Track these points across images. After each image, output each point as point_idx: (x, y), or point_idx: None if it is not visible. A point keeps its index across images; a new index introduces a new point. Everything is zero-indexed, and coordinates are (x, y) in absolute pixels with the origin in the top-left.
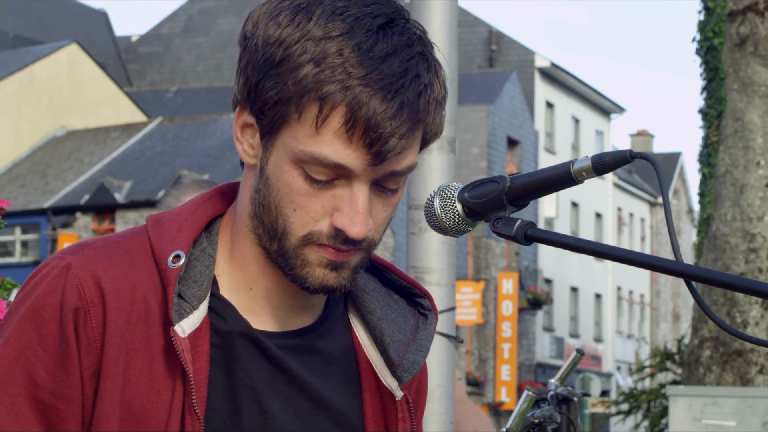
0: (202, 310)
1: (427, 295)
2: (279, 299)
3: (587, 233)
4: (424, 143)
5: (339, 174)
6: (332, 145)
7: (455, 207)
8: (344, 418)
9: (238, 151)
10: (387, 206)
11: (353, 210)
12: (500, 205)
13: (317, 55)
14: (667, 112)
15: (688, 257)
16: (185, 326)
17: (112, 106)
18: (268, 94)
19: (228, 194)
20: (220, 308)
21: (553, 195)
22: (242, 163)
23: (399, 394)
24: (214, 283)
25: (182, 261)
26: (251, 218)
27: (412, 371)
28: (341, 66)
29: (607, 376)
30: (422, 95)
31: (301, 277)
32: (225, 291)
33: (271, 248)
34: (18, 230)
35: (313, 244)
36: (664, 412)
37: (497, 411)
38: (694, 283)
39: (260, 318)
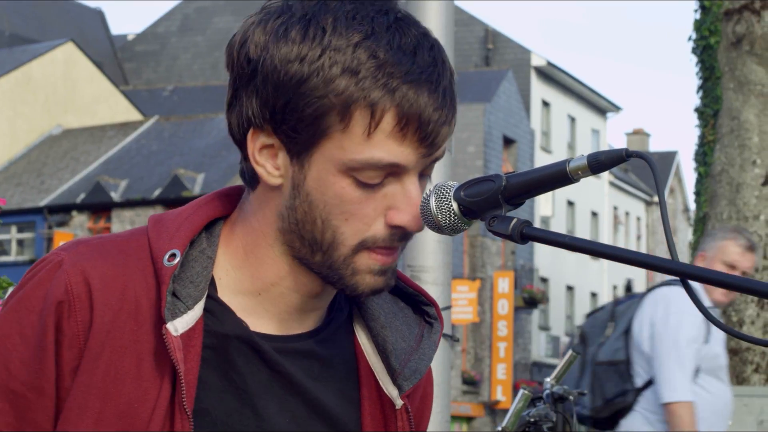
0: (197, 311)
1: (433, 304)
2: (289, 303)
3: (583, 232)
4: None
5: (390, 172)
6: (385, 146)
7: (451, 206)
8: (341, 425)
9: (259, 174)
10: (422, 191)
11: (410, 204)
12: (496, 204)
13: (350, 63)
14: (663, 111)
15: (684, 256)
16: (178, 325)
17: (108, 104)
18: (305, 111)
19: (231, 197)
20: (218, 310)
21: (549, 194)
22: (245, 179)
23: (399, 402)
24: (213, 285)
25: (177, 260)
26: (283, 233)
27: (414, 380)
28: (380, 69)
29: None
30: (452, 79)
31: (351, 286)
32: (225, 293)
33: (312, 260)
34: (14, 229)
35: (366, 249)
36: None
37: (493, 410)
38: (690, 282)
39: (262, 321)
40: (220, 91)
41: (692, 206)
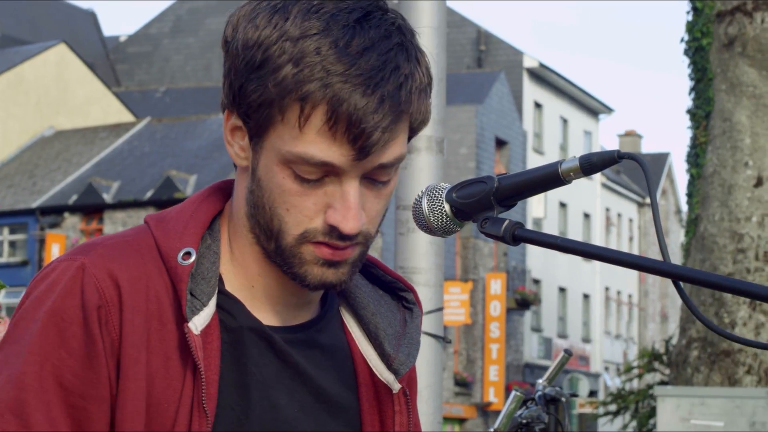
0: (211, 307)
1: (411, 289)
2: (279, 296)
3: (575, 234)
4: (412, 132)
5: (327, 171)
6: (316, 143)
7: (443, 207)
8: (343, 411)
9: (230, 154)
10: (380, 198)
11: (345, 206)
12: (488, 206)
13: (295, 55)
14: (656, 112)
15: (676, 258)
16: (197, 323)
17: (100, 106)
18: (252, 97)
19: (224, 191)
20: (228, 304)
21: (541, 195)
22: (235, 165)
23: (397, 386)
24: (220, 280)
25: (193, 258)
26: (248, 218)
27: (408, 364)
28: (320, 64)
29: (595, 376)
30: (403, 86)
31: (299, 275)
32: (230, 288)
33: (268, 247)
34: (6, 230)
35: (309, 242)
36: (652, 412)
37: (485, 411)
38: (681, 283)
39: (263, 314)
40: (213, 92)
41: (684, 208)
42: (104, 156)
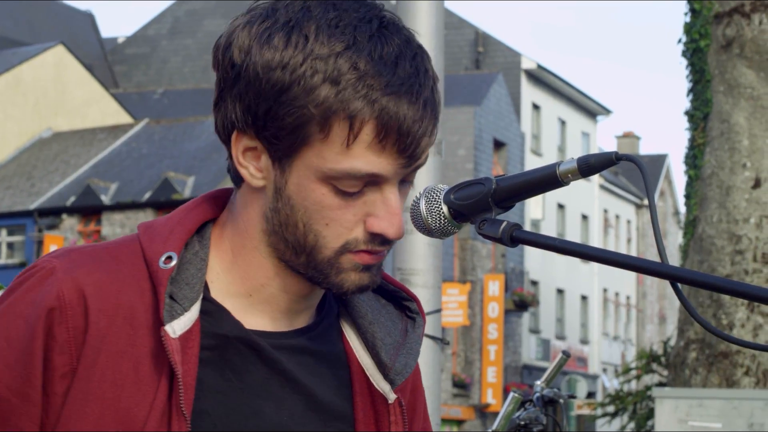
0: (193, 313)
1: (414, 299)
2: (280, 303)
3: (573, 235)
4: None
5: (369, 182)
6: (364, 157)
7: (441, 209)
8: (336, 420)
9: (243, 175)
10: (404, 198)
11: (389, 212)
12: (486, 207)
13: (331, 73)
14: (654, 114)
15: (675, 259)
16: (176, 327)
17: (98, 107)
18: (285, 120)
19: (218, 200)
20: (214, 312)
21: (540, 197)
22: (234, 180)
23: (392, 397)
24: (206, 287)
25: (174, 262)
26: (267, 235)
27: (405, 374)
28: (360, 80)
29: (593, 377)
30: (434, 89)
31: (336, 284)
32: (218, 295)
33: (297, 262)
34: (4, 232)
35: (349, 252)
36: (650, 413)
37: (483, 413)
38: (680, 285)
39: (256, 320)
40: (211, 94)
41: (682, 209)
42: (102, 157)
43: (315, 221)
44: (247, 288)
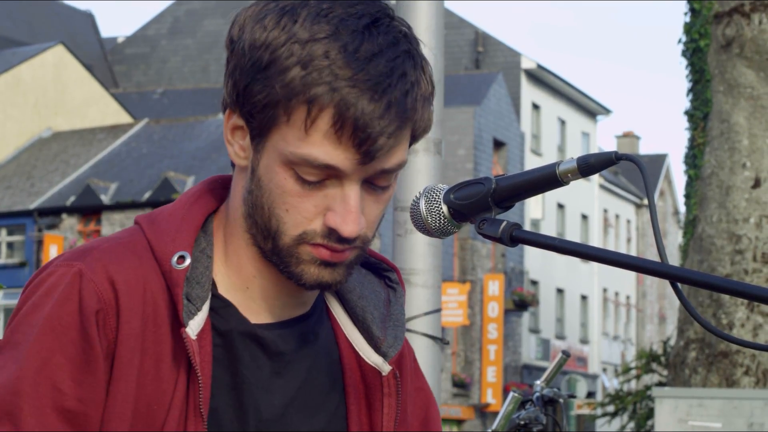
0: (204, 311)
1: (394, 269)
2: (275, 297)
3: (573, 235)
4: (413, 139)
5: (329, 174)
6: (321, 146)
7: (441, 209)
8: (330, 401)
9: (229, 153)
10: (378, 203)
11: (345, 209)
12: (486, 207)
13: (304, 57)
14: (654, 113)
15: (674, 259)
16: (193, 327)
17: (98, 107)
18: (257, 97)
19: (216, 190)
20: (221, 308)
21: (539, 196)
22: (233, 164)
23: (386, 368)
24: (213, 284)
25: (187, 262)
26: (245, 219)
27: (397, 346)
28: (328, 68)
29: (593, 377)
30: (409, 93)
31: (296, 275)
32: (223, 291)
33: (265, 247)
34: (4, 232)
35: (307, 243)
36: (650, 413)
37: (483, 412)
38: (679, 284)
39: (258, 314)
40: (210, 93)
41: (682, 209)
42: (102, 157)
43: (277, 205)
44: (242, 280)
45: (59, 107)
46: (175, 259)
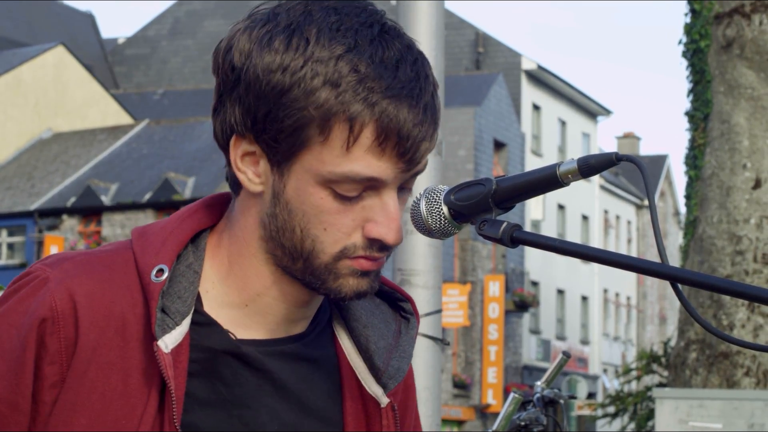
0: (184, 326)
1: (409, 299)
2: (277, 313)
3: (574, 236)
4: None
5: (369, 186)
6: (364, 160)
7: (441, 209)
8: (326, 427)
9: (241, 181)
10: (403, 205)
11: (388, 218)
12: (486, 208)
13: (331, 75)
14: (654, 114)
15: (675, 260)
16: (168, 341)
17: (98, 108)
18: (285, 122)
19: (214, 207)
20: (204, 324)
21: (540, 197)
22: (232, 185)
23: (385, 401)
24: (199, 300)
25: (165, 275)
26: (265, 241)
27: (398, 378)
28: (361, 83)
29: (594, 378)
30: (435, 94)
31: (334, 290)
32: (212, 307)
33: (294, 267)
34: (4, 232)
35: (347, 257)
36: (651, 414)
37: (484, 413)
38: (680, 285)
39: (250, 330)
40: (211, 94)
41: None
42: (102, 158)
43: (313, 226)
44: (243, 298)
45: (59, 108)
46: (154, 272)
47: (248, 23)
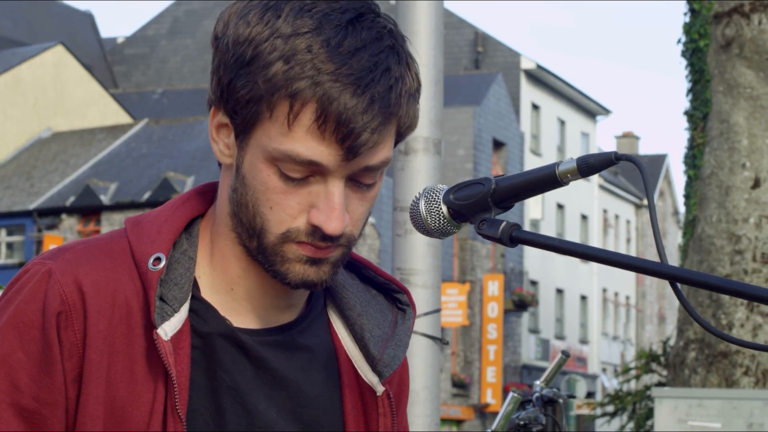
0: (183, 313)
1: (404, 291)
2: (261, 298)
3: (573, 235)
4: (399, 137)
5: (313, 171)
6: (305, 142)
7: (440, 209)
8: (326, 415)
9: (214, 151)
10: (364, 201)
11: (329, 206)
12: (485, 207)
13: (286, 52)
14: (653, 113)
15: (674, 259)
16: (167, 329)
17: (97, 107)
18: (240, 93)
19: (207, 194)
20: (201, 310)
21: (539, 197)
22: (220, 164)
23: (380, 389)
24: (195, 285)
25: (163, 263)
26: (230, 217)
27: (393, 366)
28: (310, 62)
29: (593, 377)
30: (393, 89)
31: (281, 273)
32: (206, 292)
33: (250, 246)
34: (3, 232)
35: (292, 241)
36: (650, 413)
37: (483, 413)
38: (679, 285)
39: (242, 317)
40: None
41: (682, 209)
42: (102, 157)
43: (261, 203)
44: (227, 282)
45: (59, 107)
46: (151, 261)
47: None
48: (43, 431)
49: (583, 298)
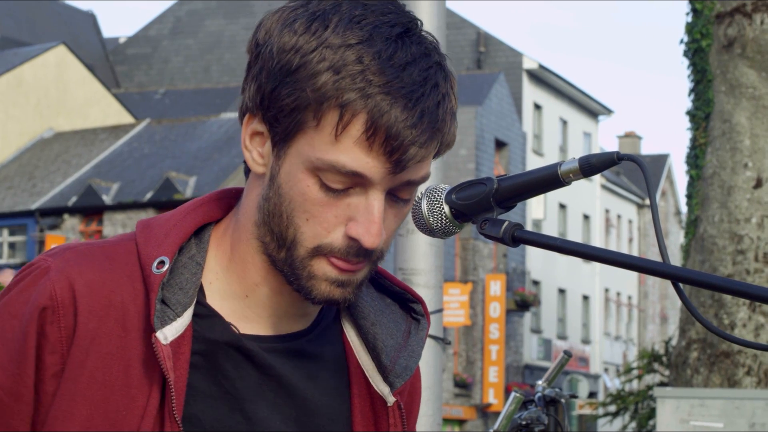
0: (186, 318)
1: (420, 301)
2: (276, 307)
3: (575, 235)
4: (437, 154)
5: (355, 183)
6: (351, 153)
7: (443, 209)
8: (332, 423)
9: (246, 159)
10: (398, 217)
11: (369, 219)
12: (488, 207)
13: (336, 62)
14: (655, 113)
15: (676, 259)
16: (168, 333)
17: (99, 107)
18: (285, 101)
19: (224, 201)
20: (206, 316)
21: (541, 197)
22: (246, 171)
23: (391, 399)
24: (201, 291)
25: (166, 267)
26: (257, 226)
27: (405, 377)
28: (361, 74)
29: (595, 377)
30: (441, 105)
31: (305, 288)
32: (215, 299)
33: (278, 257)
34: (5, 232)
35: (323, 256)
36: (652, 413)
37: (485, 413)
38: (681, 284)
39: (253, 324)
40: (212, 94)
41: (684, 209)
42: (104, 157)
43: (297, 214)
44: (243, 288)
45: (61, 107)
46: (155, 264)
47: (284, 6)
48: (8, 420)
49: (586, 298)
